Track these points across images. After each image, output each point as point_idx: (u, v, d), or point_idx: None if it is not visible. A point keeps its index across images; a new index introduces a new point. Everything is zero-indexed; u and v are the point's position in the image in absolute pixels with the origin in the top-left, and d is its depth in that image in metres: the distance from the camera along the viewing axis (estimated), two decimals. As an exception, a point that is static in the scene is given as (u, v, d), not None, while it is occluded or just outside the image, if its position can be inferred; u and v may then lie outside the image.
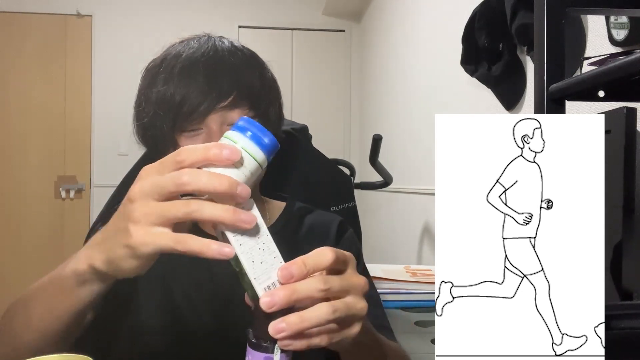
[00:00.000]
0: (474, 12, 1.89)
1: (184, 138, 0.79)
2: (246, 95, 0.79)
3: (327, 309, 0.48)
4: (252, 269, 0.49)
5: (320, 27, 4.56)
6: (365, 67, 4.33)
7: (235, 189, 0.46)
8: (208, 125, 0.78)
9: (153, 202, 0.47)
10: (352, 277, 0.52)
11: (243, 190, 0.47)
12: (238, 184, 0.46)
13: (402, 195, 3.17)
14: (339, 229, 0.94)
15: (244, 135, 0.49)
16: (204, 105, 0.77)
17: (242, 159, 0.48)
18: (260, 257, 0.49)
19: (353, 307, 0.51)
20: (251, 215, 0.47)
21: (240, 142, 0.48)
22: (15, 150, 4.22)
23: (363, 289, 0.53)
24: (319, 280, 0.49)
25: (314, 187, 1.14)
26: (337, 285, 0.50)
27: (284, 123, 0.94)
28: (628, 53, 0.76)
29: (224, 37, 0.86)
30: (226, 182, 0.46)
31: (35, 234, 4.20)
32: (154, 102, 0.80)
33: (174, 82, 0.78)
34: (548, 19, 0.67)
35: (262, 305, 0.47)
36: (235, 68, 0.80)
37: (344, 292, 0.51)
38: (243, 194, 0.47)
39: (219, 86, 0.78)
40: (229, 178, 0.46)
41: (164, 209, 0.47)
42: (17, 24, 4.21)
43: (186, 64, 0.79)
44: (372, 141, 2.39)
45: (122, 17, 4.32)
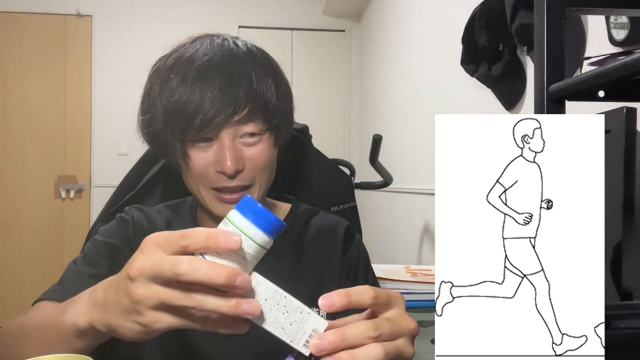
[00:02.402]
0: (474, 12, 1.89)
1: (195, 149, 0.77)
2: (260, 108, 0.77)
3: (379, 352, 0.47)
4: (285, 334, 0.49)
5: (320, 27, 4.56)
6: (365, 67, 4.33)
7: (234, 280, 0.46)
8: (220, 138, 0.76)
9: (152, 285, 0.47)
10: (401, 320, 0.50)
11: (242, 281, 0.46)
12: (237, 275, 0.46)
13: (402, 195, 3.17)
14: (347, 234, 0.92)
15: (246, 219, 0.48)
16: (217, 119, 0.74)
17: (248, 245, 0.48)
18: (288, 320, 0.49)
19: (403, 352, 0.49)
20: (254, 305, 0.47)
21: (243, 226, 0.48)
22: (15, 150, 4.22)
23: (413, 332, 0.51)
24: (370, 326, 0.48)
25: (314, 187, 1.14)
26: (387, 330, 0.49)
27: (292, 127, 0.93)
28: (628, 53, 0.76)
29: (238, 38, 0.83)
30: (224, 274, 0.46)
31: (35, 234, 4.20)
32: (164, 110, 0.77)
33: (187, 90, 0.75)
34: (548, 19, 0.67)
35: (311, 348, 0.47)
36: (250, 78, 0.77)
37: (395, 336, 0.49)
38: (242, 285, 0.46)
39: (233, 98, 0.75)
40: (228, 269, 0.46)
41: (166, 298, 0.47)
42: (17, 24, 4.21)
43: (200, 70, 0.76)
44: (372, 141, 2.39)
45: (122, 17, 4.32)
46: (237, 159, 0.76)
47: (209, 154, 0.77)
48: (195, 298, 0.47)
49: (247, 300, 0.47)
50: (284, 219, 0.92)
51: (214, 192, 0.80)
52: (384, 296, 0.50)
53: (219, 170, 0.77)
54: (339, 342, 0.47)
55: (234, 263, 0.48)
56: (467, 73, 2.01)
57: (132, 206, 0.91)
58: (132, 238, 0.84)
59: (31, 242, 4.19)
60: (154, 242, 0.49)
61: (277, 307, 0.49)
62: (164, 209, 0.91)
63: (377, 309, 0.51)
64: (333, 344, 0.46)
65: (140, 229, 0.85)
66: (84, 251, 0.84)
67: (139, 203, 1.04)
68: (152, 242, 0.49)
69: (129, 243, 0.83)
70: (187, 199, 0.92)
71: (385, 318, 0.50)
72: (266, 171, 0.81)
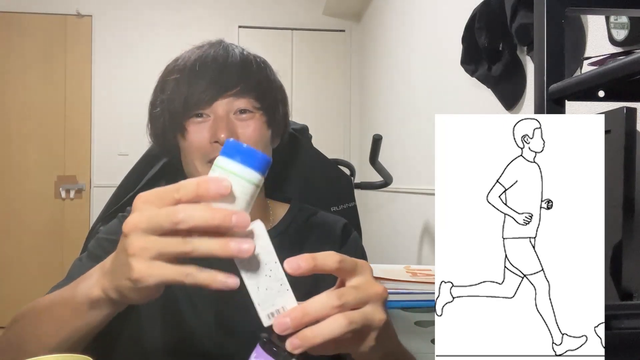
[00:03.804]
0: (474, 12, 1.89)
1: (191, 124, 0.84)
2: (253, 88, 0.84)
3: (342, 322, 0.47)
4: (257, 295, 0.48)
5: (320, 27, 4.56)
6: (365, 67, 4.33)
7: (230, 220, 0.45)
8: (215, 111, 0.83)
9: (149, 237, 0.47)
10: (368, 286, 0.50)
11: (239, 219, 0.45)
12: (232, 214, 0.45)
13: (402, 195, 3.17)
14: (344, 232, 0.93)
15: (234, 160, 0.48)
16: (211, 92, 0.82)
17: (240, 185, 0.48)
18: (266, 284, 0.48)
19: (371, 318, 0.49)
20: (248, 244, 0.46)
21: (231, 168, 0.48)
22: (15, 151, 4.22)
23: (382, 297, 0.50)
24: (333, 295, 0.48)
25: (314, 187, 1.14)
26: (352, 298, 0.48)
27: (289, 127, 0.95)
28: (628, 53, 0.76)
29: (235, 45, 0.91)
30: (219, 216, 0.45)
31: (35, 234, 4.20)
32: (166, 93, 0.85)
33: (185, 75, 0.84)
34: (548, 19, 0.67)
35: (275, 329, 0.47)
36: (243, 65, 0.86)
37: (362, 303, 0.49)
38: (240, 223, 0.45)
39: (227, 77, 0.83)
40: (222, 211, 0.46)
41: (162, 246, 0.47)
42: (17, 24, 4.21)
43: (198, 61, 0.84)
44: (372, 141, 2.39)
45: (122, 17, 4.32)
46: (230, 129, 0.82)
47: (204, 127, 0.83)
48: (190, 242, 0.46)
49: (239, 239, 0.46)
50: (282, 219, 0.93)
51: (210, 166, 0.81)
52: (349, 262, 0.50)
53: (214, 141, 0.82)
54: (300, 317, 0.46)
55: (229, 206, 0.47)
56: (467, 73, 2.01)
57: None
58: None
59: (31, 242, 4.19)
60: (145, 200, 0.49)
61: (264, 267, 0.48)
62: None
63: (343, 275, 0.51)
64: (295, 320, 0.46)
65: None
66: (89, 248, 0.86)
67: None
68: (144, 200, 0.49)
69: None
70: None
71: (350, 286, 0.50)
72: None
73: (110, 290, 0.52)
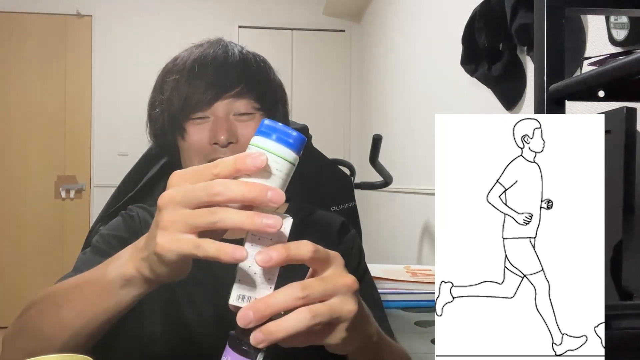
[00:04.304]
0: (474, 12, 1.89)
1: (191, 125, 0.84)
2: (253, 88, 0.84)
3: (306, 315, 0.46)
4: (243, 272, 0.48)
5: (320, 27, 4.56)
6: (365, 67, 4.33)
7: (266, 194, 0.45)
8: (215, 113, 0.83)
9: (181, 210, 0.47)
10: (336, 277, 0.50)
11: (274, 195, 0.46)
12: (268, 190, 0.46)
13: (402, 195, 3.17)
14: (341, 230, 0.94)
15: (269, 139, 0.48)
16: (211, 93, 0.82)
17: (276, 162, 0.48)
18: (257, 270, 0.48)
19: (338, 310, 0.48)
20: (275, 219, 0.46)
21: (267, 146, 0.48)
22: (15, 150, 4.22)
23: (351, 288, 0.50)
24: (296, 287, 0.47)
25: (314, 187, 1.15)
26: (317, 290, 0.48)
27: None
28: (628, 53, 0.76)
29: (234, 43, 0.90)
30: (255, 190, 0.46)
31: (35, 234, 4.20)
32: (165, 94, 0.85)
33: (184, 76, 0.84)
34: (548, 19, 0.67)
35: (238, 321, 0.46)
36: (243, 65, 0.85)
37: (328, 295, 0.48)
38: (275, 198, 0.46)
39: (227, 78, 0.83)
40: (258, 185, 0.46)
41: (190, 217, 0.47)
42: (17, 24, 4.21)
43: (197, 61, 0.84)
44: (372, 141, 2.39)
45: (122, 17, 4.32)
46: (230, 130, 0.82)
47: (204, 128, 0.83)
48: (218, 213, 0.46)
49: (267, 215, 0.46)
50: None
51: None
52: (323, 252, 0.50)
53: (214, 142, 0.82)
54: (263, 309, 0.46)
55: (266, 182, 0.47)
56: (467, 73, 2.01)
57: (135, 205, 0.93)
58: (139, 231, 0.85)
59: (31, 242, 4.19)
60: (181, 176, 0.49)
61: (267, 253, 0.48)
62: None
63: (316, 265, 0.50)
64: (258, 312, 0.46)
65: (146, 225, 0.86)
66: (92, 243, 0.85)
67: (140, 202, 1.05)
68: (180, 176, 0.49)
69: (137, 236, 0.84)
70: None
71: (317, 278, 0.49)
72: None
73: (143, 268, 0.52)
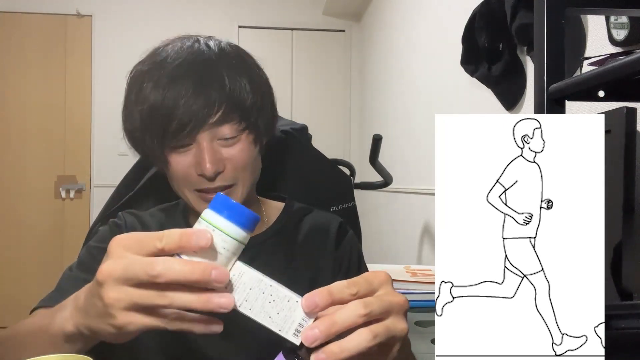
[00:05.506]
0: (474, 12, 1.89)
1: (174, 155, 0.79)
2: (236, 107, 0.77)
3: (367, 336, 0.47)
4: (273, 323, 0.48)
5: (320, 27, 4.56)
6: (365, 67, 4.33)
7: (209, 275, 0.45)
8: (198, 141, 0.77)
9: (124, 288, 0.47)
10: (390, 296, 0.50)
11: (218, 274, 0.45)
12: (212, 269, 0.45)
13: (402, 195, 3.17)
14: (339, 231, 0.93)
15: (221, 216, 0.48)
16: (192, 123, 0.75)
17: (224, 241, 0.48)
18: (275, 309, 0.48)
19: (394, 329, 0.49)
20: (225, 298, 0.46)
21: (217, 223, 0.48)
22: (15, 150, 4.22)
23: (403, 307, 0.50)
24: (359, 305, 0.47)
25: (314, 187, 1.14)
26: (377, 308, 0.48)
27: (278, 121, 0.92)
28: (628, 53, 0.76)
29: (211, 38, 0.84)
30: (199, 269, 0.45)
31: (35, 234, 4.20)
32: (140, 118, 0.78)
33: (159, 96, 0.76)
34: (548, 19, 0.67)
35: (304, 341, 0.46)
36: (222, 79, 0.77)
37: (385, 314, 0.49)
38: (219, 278, 0.45)
39: (207, 101, 0.75)
40: (202, 264, 0.46)
41: (137, 298, 0.47)
42: (17, 24, 4.21)
43: (171, 75, 0.76)
44: (372, 141, 2.39)
45: (122, 17, 4.32)
46: (216, 160, 0.77)
47: (188, 157, 0.78)
48: (168, 296, 0.46)
49: (220, 294, 0.46)
50: (277, 218, 0.92)
51: (198, 193, 0.81)
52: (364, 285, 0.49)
53: (199, 173, 0.78)
54: (329, 327, 0.46)
55: (212, 260, 0.47)
56: (467, 73, 2.01)
57: (125, 211, 0.91)
58: None
59: (31, 242, 4.19)
60: (122, 245, 0.48)
61: (263, 295, 0.48)
62: (156, 212, 0.91)
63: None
64: (325, 331, 0.46)
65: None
66: (79, 257, 0.85)
67: (139, 203, 1.04)
68: (121, 245, 0.48)
69: None
70: (180, 202, 0.92)
71: (375, 296, 0.50)
72: (247, 170, 0.81)
73: (83, 328, 0.52)
